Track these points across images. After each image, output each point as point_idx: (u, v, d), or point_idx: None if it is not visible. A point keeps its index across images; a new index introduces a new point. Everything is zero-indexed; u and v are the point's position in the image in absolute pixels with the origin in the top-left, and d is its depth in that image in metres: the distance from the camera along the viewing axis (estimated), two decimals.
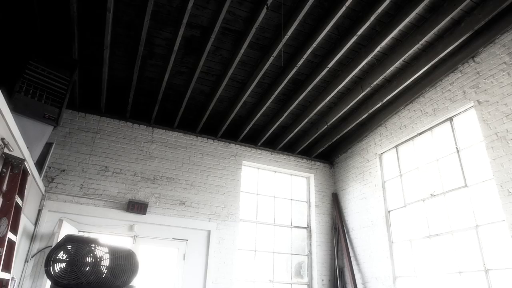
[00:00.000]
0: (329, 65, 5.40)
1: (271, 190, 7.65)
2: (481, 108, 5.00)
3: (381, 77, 5.61)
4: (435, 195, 5.66)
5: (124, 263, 3.09)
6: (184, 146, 6.94)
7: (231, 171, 7.14)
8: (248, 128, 6.97)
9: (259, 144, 7.54)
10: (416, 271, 5.73)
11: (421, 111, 6.03)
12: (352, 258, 6.98)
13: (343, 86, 5.98)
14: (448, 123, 5.66)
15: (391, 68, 5.44)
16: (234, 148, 7.39)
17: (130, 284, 3.16)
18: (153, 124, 6.83)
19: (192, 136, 7.10)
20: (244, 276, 6.71)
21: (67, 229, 5.37)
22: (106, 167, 6.20)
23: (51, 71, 4.67)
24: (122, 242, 5.79)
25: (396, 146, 6.64)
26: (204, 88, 6.13)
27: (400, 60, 5.27)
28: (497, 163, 4.67)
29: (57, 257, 2.80)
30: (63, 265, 2.80)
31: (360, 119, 6.74)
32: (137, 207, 6.09)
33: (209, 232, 6.51)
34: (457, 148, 5.45)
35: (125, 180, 6.25)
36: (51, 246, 5.32)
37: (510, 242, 4.36)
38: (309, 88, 5.86)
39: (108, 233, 5.90)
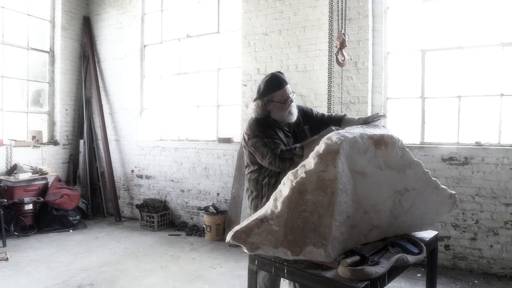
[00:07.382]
0: None
1: None
2: None
3: None
4: (191, 36, 5.93)
5: None
6: None
7: None
8: None
9: None
10: (162, 104, 6.25)
11: None
12: (102, 89, 6.78)
13: None
14: None
15: None
16: None
17: None
18: None
19: None
20: None
21: None
22: None
23: None
24: None
25: None
26: None
27: None
28: (247, 16, 5.21)
29: None
30: None
31: None
32: None
33: None
34: None
35: None
36: None
37: (239, 85, 5.31)
38: None
39: None
